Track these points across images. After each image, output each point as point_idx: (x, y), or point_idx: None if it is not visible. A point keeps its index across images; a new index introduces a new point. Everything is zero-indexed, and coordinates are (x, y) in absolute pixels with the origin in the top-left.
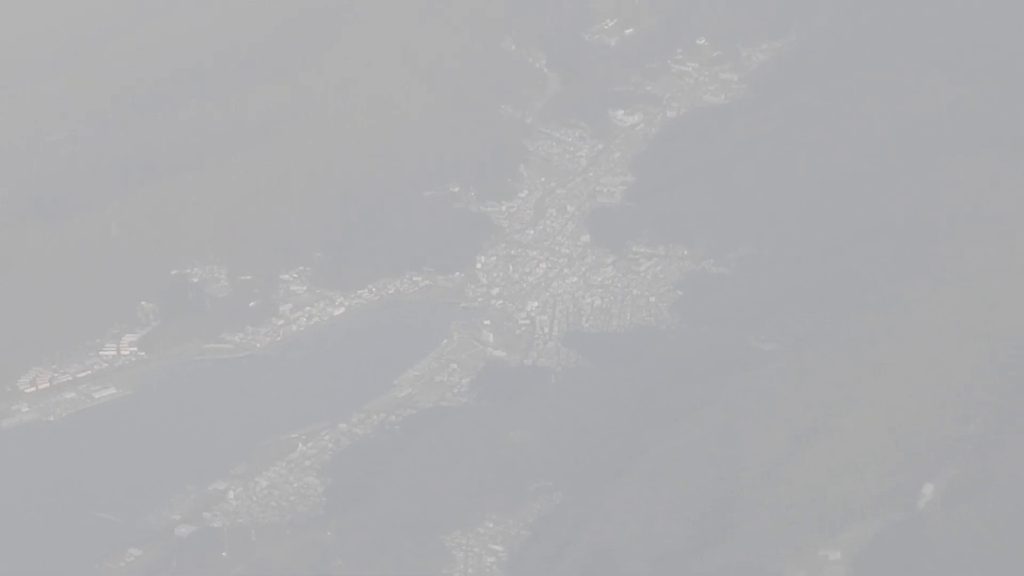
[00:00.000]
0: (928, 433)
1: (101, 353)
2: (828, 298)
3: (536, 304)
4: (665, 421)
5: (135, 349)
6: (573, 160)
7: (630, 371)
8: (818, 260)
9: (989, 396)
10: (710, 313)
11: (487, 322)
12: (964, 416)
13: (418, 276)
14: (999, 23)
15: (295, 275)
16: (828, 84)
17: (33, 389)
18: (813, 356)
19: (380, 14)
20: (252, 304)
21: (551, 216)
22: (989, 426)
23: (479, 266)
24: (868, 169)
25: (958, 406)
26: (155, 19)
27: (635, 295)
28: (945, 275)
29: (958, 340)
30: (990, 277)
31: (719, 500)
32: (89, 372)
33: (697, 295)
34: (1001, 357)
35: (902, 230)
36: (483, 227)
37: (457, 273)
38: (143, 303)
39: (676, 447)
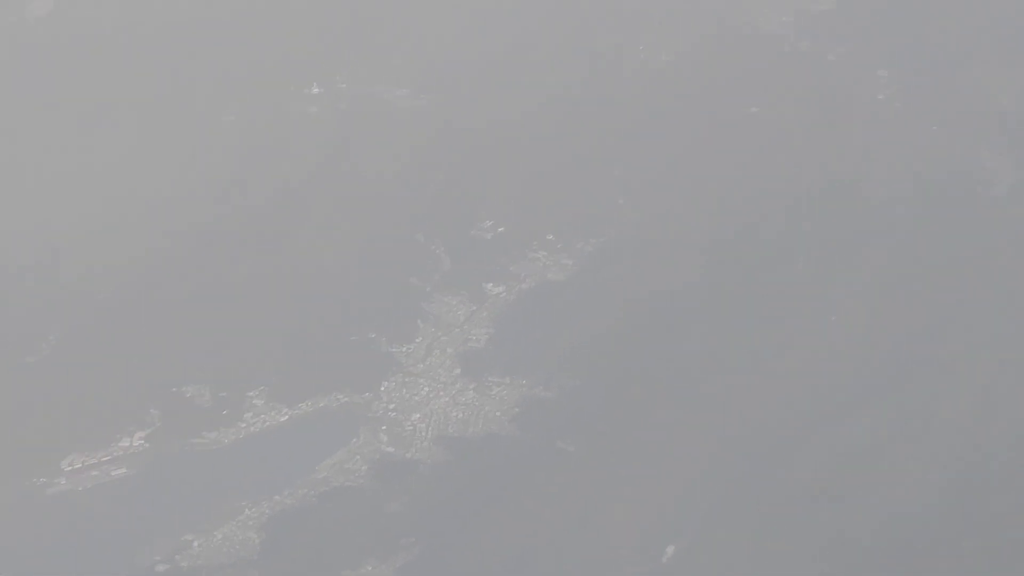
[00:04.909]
0: (672, 512)
1: (119, 444)
2: (613, 417)
3: (418, 415)
4: (496, 500)
5: (142, 442)
6: (455, 317)
7: (477, 464)
8: (609, 390)
9: (711, 490)
10: (535, 425)
11: (384, 427)
12: (695, 502)
13: (340, 395)
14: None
15: (256, 393)
16: (634, 267)
17: (70, 468)
18: (598, 456)
19: (334, 211)
20: (225, 412)
21: (435, 355)
22: (713, 509)
23: (383, 389)
24: (657, 317)
25: (689, 496)
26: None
27: (487, 411)
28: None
29: (694, 448)
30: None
31: (527, 552)
32: (109, 457)
33: (528, 412)
34: (720, 462)
35: (674, 368)
36: (389, 362)
37: (367, 393)
38: (151, 410)
39: (501, 517)
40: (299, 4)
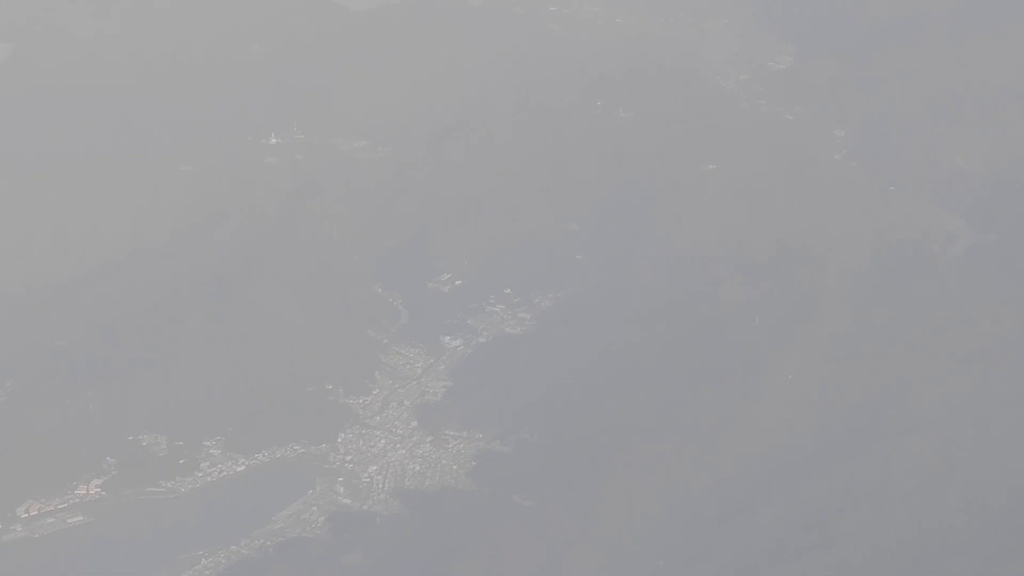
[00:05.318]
0: (628, 568)
1: (75, 492)
2: (570, 472)
3: (375, 468)
4: (452, 553)
5: (99, 490)
6: (412, 370)
7: (433, 517)
8: (566, 445)
9: (667, 548)
10: (492, 479)
11: (341, 479)
12: (651, 559)
13: (297, 446)
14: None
15: (213, 442)
16: (590, 323)
17: (26, 515)
18: (554, 510)
19: (292, 262)
20: (181, 461)
21: (392, 407)
22: (670, 567)
23: (340, 440)
24: (615, 373)
25: (645, 553)
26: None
27: (443, 464)
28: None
29: (651, 505)
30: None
31: None
32: (66, 505)
33: (485, 466)
34: (678, 520)
35: (635, 426)
36: (346, 414)
37: (324, 445)
38: (108, 458)
39: (457, 570)
40: (258, 56)
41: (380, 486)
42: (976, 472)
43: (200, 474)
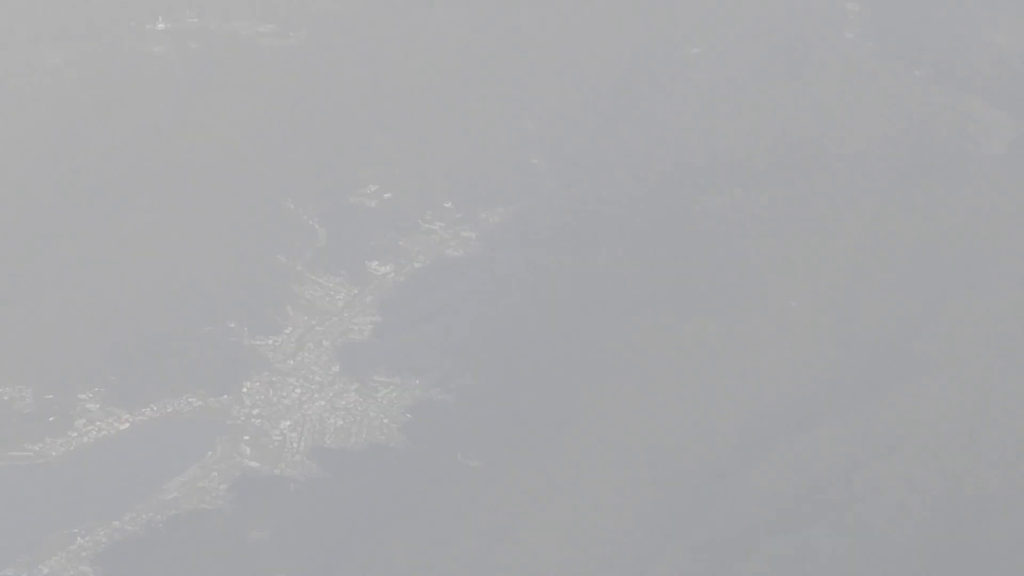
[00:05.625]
0: (597, 542)
1: None
2: (525, 425)
3: (288, 423)
4: (383, 526)
5: None
6: (332, 302)
7: (360, 482)
8: (519, 391)
9: (643, 520)
10: (431, 434)
11: (246, 437)
12: (624, 532)
13: (193, 398)
14: None
15: (90, 395)
16: (549, 242)
17: None
18: (507, 472)
19: (182, 173)
20: (52, 419)
21: (309, 349)
22: (646, 546)
23: (244, 390)
24: (578, 303)
25: (618, 524)
26: None
27: (371, 417)
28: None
29: (623, 465)
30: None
31: None
32: None
33: (423, 419)
34: (654, 482)
35: (590, 372)
36: (251, 358)
37: (225, 396)
38: None
39: (389, 547)
40: None
41: (295, 446)
42: (1018, 416)
43: (75, 434)
